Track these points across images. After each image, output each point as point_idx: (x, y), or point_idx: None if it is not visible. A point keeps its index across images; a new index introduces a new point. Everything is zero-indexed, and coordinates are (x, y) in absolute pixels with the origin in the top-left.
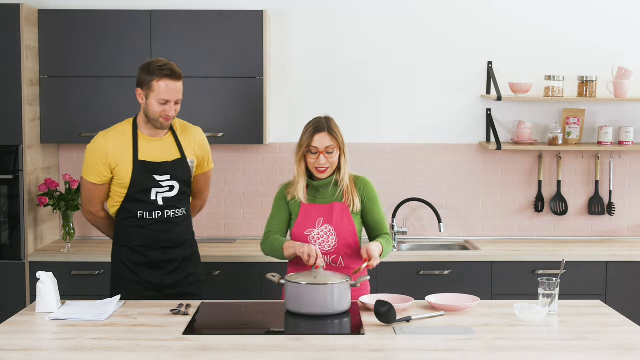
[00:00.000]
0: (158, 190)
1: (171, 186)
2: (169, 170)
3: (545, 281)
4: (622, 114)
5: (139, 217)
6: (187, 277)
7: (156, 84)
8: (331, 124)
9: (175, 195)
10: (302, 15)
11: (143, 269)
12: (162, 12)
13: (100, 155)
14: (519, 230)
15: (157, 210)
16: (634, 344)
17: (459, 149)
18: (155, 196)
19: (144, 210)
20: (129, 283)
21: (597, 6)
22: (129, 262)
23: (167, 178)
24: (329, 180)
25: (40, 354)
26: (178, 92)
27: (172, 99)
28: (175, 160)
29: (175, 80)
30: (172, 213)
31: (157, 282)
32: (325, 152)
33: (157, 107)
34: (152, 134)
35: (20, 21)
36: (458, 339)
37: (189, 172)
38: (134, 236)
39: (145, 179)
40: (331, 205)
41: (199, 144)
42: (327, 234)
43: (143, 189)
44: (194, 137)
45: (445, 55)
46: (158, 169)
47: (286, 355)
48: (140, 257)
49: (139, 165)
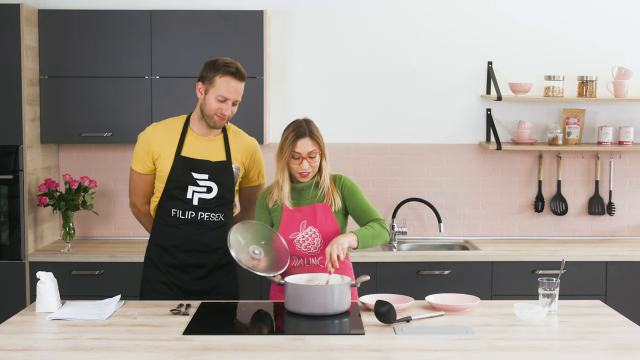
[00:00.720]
0: (195, 189)
1: (209, 187)
2: (209, 170)
3: (545, 281)
4: (622, 114)
5: (172, 215)
6: (215, 287)
7: (219, 79)
8: (312, 128)
9: (212, 198)
10: (302, 15)
11: (172, 270)
12: (162, 12)
13: (144, 143)
14: (519, 230)
15: (191, 210)
16: (634, 344)
17: (459, 149)
18: (191, 195)
19: (178, 209)
20: (157, 283)
21: (597, 6)
22: (160, 262)
23: (205, 177)
24: (310, 183)
25: (40, 354)
26: (238, 92)
27: (231, 98)
28: (219, 162)
29: (239, 80)
30: (206, 216)
31: (185, 286)
32: (308, 157)
33: (215, 104)
34: (202, 132)
35: (20, 21)
36: (458, 339)
37: (231, 177)
38: (166, 235)
39: (182, 175)
40: (314, 207)
41: (249, 152)
42: (311, 236)
43: (180, 185)
44: (245, 144)
45: (445, 55)
46: (197, 167)
47: (286, 355)
48: (170, 257)
49: (179, 160)
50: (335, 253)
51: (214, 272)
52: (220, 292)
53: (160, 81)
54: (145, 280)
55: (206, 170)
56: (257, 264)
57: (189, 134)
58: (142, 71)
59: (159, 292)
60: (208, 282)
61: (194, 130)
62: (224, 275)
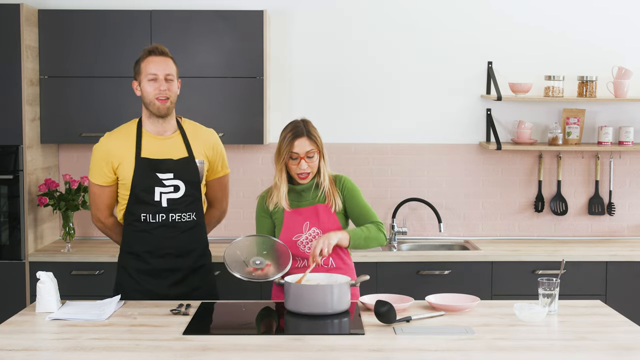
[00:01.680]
0: (162, 190)
1: (176, 186)
2: (173, 168)
3: (545, 281)
4: (622, 114)
5: (142, 220)
6: (192, 291)
7: (143, 65)
8: (309, 128)
9: (181, 197)
10: (302, 15)
11: (146, 278)
12: (162, 12)
13: (102, 153)
14: (519, 230)
15: (161, 213)
16: (634, 344)
17: (459, 149)
18: (159, 197)
19: (148, 213)
20: (132, 292)
21: (597, 6)
22: (133, 270)
23: (170, 177)
24: (310, 184)
25: (40, 354)
26: (165, 66)
27: (160, 73)
28: (181, 159)
29: (160, 55)
30: (177, 217)
31: (161, 292)
32: (305, 157)
33: (149, 88)
34: (158, 131)
35: (20, 21)
36: (458, 339)
37: (196, 173)
38: (138, 242)
39: (147, 177)
40: (315, 208)
41: (210, 145)
42: (315, 237)
43: (145, 188)
44: (205, 138)
45: (445, 55)
46: (160, 167)
47: (286, 355)
48: (143, 264)
49: (140, 162)
50: (319, 248)
51: (190, 276)
52: (198, 296)
53: None
54: (119, 288)
55: (170, 168)
56: (262, 272)
57: (145, 135)
58: None
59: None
60: (184, 286)
61: (149, 130)
62: (199, 278)
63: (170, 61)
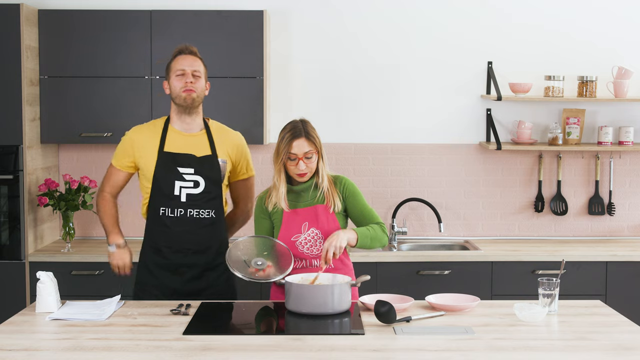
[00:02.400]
0: (182, 184)
1: (196, 182)
2: (194, 164)
3: (545, 281)
4: (622, 114)
5: (161, 213)
6: (208, 288)
7: (172, 64)
8: (308, 128)
9: (200, 193)
10: (302, 15)
11: (164, 273)
12: (162, 12)
13: (126, 143)
14: (519, 230)
15: (180, 207)
16: (634, 344)
17: (459, 149)
18: (179, 191)
19: (167, 207)
20: (150, 286)
21: (597, 6)
22: (152, 264)
23: (190, 171)
24: (309, 184)
25: (40, 354)
26: (193, 62)
27: (187, 67)
28: (204, 156)
29: (188, 54)
30: (196, 213)
31: (178, 288)
32: (304, 158)
33: (176, 82)
34: (184, 128)
35: (20, 21)
36: (458, 339)
37: (218, 171)
38: (159, 236)
39: (168, 170)
40: (314, 208)
41: (235, 145)
42: (314, 237)
43: (166, 182)
44: (230, 138)
45: (445, 55)
46: (182, 161)
47: (286, 355)
48: (161, 259)
49: (163, 156)
50: (332, 251)
51: (207, 273)
52: (214, 293)
53: (160, 81)
54: (137, 283)
55: (191, 164)
56: (264, 273)
57: (171, 131)
58: (142, 71)
59: (151, 294)
60: (201, 283)
61: (175, 127)
62: (217, 275)
63: (199, 60)
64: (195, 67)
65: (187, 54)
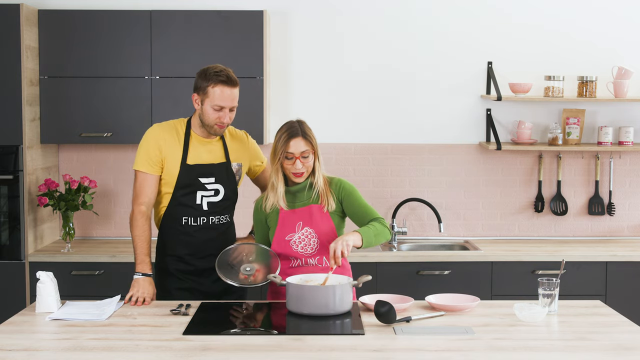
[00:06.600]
0: (203, 193)
1: (216, 190)
2: (215, 172)
3: (545, 281)
4: (622, 114)
5: (183, 223)
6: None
7: (211, 89)
8: (304, 128)
9: (220, 201)
10: (302, 16)
11: (190, 277)
12: (162, 12)
13: (151, 144)
14: (519, 230)
15: (202, 216)
16: (634, 344)
17: (459, 149)
18: (200, 200)
19: (189, 216)
20: (177, 290)
21: (597, 6)
22: (176, 271)
23: (212, 181)
24: (305, 184)
25: (40, 354)
26: (233, 98)
27: (227, 106)
28: (220, 163)
29: (231, 87)
30: (216, 219)
31: (205, 289)
32: (300, 157)
33: (212, 114)
34: (205, 134)
35: (20, 21)
36: (458, 339)
37: (233, 177)
38: (179, 245)
39: (191, 181)
40: (309, 208)
41: (244, 146)
42: (307, 236)
43: (189, 192)
44: (239, 140)
45: (445, 55)
46: (204, 172)
47: (286, 355)
48: (186, 266)
49: (186, 168)
50: (340, 249)
51: None
52: (236, 291)
53: (160, 81)
54: (163, 290)
55: (212, 173)
56: (253, 279)
57: (193, 138)
58: (142, 71)
59: (180, 298)
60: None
61: (197, 132)
62: None
63: (237, 90)
64: (234, 102)
65: (231, 86)
